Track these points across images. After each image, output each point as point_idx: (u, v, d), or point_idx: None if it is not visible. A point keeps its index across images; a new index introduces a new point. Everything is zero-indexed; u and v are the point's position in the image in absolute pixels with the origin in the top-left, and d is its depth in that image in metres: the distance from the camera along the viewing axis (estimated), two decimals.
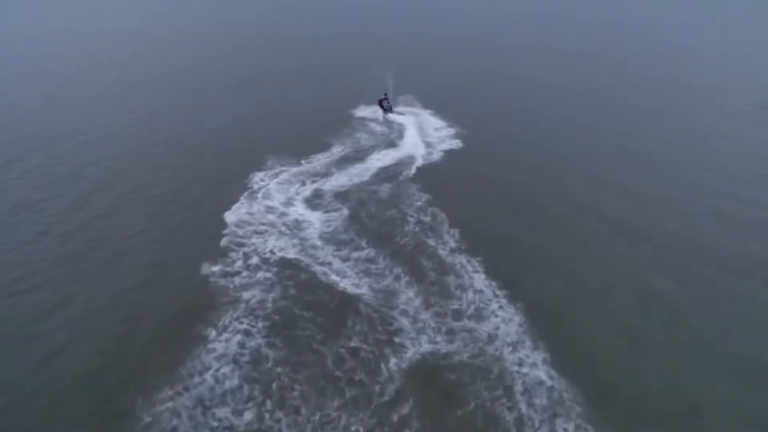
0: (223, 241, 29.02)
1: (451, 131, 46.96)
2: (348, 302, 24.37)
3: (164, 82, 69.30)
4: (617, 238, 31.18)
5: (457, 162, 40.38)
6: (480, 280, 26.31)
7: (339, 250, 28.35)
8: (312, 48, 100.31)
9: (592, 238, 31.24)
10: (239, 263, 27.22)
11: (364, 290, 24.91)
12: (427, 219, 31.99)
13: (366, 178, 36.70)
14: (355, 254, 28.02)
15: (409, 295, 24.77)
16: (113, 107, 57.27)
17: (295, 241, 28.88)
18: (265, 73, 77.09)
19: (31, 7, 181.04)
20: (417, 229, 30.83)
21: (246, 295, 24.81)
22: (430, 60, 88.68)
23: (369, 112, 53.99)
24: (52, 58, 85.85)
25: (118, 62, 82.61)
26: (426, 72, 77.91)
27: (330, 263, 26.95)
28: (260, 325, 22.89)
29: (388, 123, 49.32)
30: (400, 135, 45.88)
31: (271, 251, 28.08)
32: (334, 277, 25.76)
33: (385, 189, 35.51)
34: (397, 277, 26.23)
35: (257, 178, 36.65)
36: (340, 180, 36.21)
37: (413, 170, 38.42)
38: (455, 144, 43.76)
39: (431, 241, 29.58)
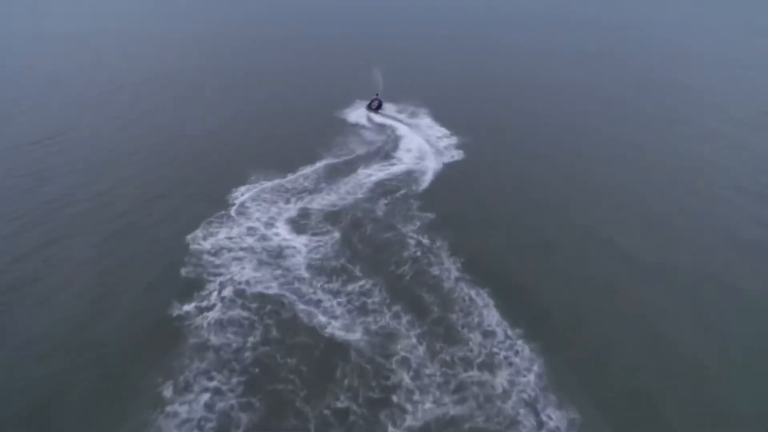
0: (190, 271, 25.29)
1: (452, 140, 43.41)
2: (338, 349, 20.83)
3: (151, 85, 64.84)
4: (625, 266, 27.60)
5: (458, 176, 36.87)
6: (489, 317, 22.91)
7: (329, 281, 24.76)
8: (305, 49, 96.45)
9: (600, 265, 27.63)
10: (212, 297, 23.59)
11: (357, 335, 21.35)
12: (428, 242, 28.50)
13: (359, 195, 33.08)
14: (348, 287, 24.46)
15: (409, 340, 21.26)
16: (96, 112, 52.89)
17: (278, 272, 25.22)
18: (256, 75, 73.16)
19: (18, 7, 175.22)
20: (417, 254, 27.33)
21: (216, 340, 21.19)
22: (429, 61, 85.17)
23: (361, 116, 50.47)
24: (40, 59, 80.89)
25: (107, 64, 77.69)
26: (425, 74, 74.38)
27: (318, 300, 23.34)
28: (234, 380, 19.27)
29: (384, 131, 45.62)
30: (397, 145, 42.28)
31: (248, 282, 24.43)
32: (321, 318, 22.17)
33: (380, 207, 31.96)
34: (396, 316, 22.71)
35: (238, 193, 32.95)
36: (330, 197, 32.55)
37: (411, 185, 34.88)
38: (456, 155, 40.24)
39: (433, 270, 26.11)
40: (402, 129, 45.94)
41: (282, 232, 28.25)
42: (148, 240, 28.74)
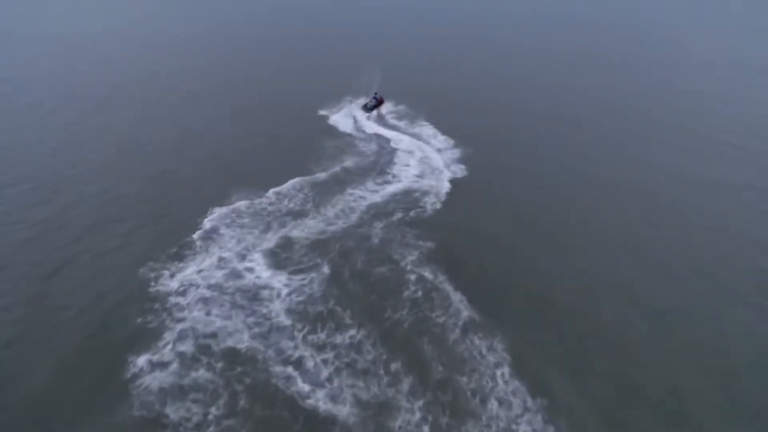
0: (148, 318, 21.17)
1: (455, 152, 39.52)
2: (320, 426, 16.86)
3: (122, 91, 58.74)
4: (639, 312, 23.58)
5: (461, 196, 32.89)
6: (504, 379, 19.10)
7: (312, 331, 20.74)
8: (297, 50, 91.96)
9: (615, 314, 23.37)
10: (168, 352, 19.43)
11: (345, 407, 17.38)
12: (430, 277, 24.63)
13: (351, 219, 29.02)
14: (336, 338, 20.48)
15: (411, 416, 17.31)
16: (56, 121, 46.95)
17: (252, 319, 21.13)
18: (241, 77, 68.28)
19: None
20: (418, 294, 23.43)
21: (173, 412, 17.09)
22: (429, 63, 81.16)
23: (356, 122, 46.55)
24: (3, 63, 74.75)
25: (76, 69, 70.81)
26: (425, 76, 70.33)
27: (299, 358, 19.31)
28: None
29: (380, 141, 41.55)
30: (394, 159, 38.18)
31: (214, 335, 20.32)
32: (302, 385, 18.13)
33: (375, 233, 27.94)
34: (394, 380, 18.77)
35: (211, 217, 28.67)
36: (316, 222, 28.39)
37: (410, 208, 30.81)
38: (459, 171, 36.32)
39: (436, 315, 22.24)
40: (400, 139, 41.98)
41: (258, 269, 24.04)
42: (99, 272, 24.53)
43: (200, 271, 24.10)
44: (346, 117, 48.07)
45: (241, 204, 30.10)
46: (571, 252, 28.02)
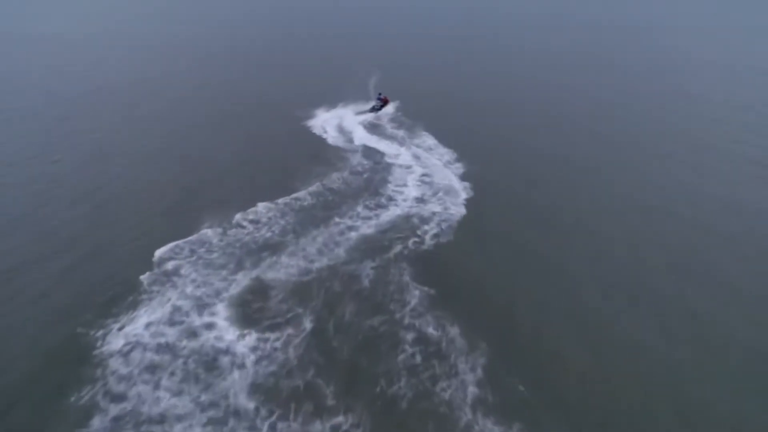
0: (80, 394, 16.66)
1: (458, 168, 35.18)
2: None
3: (84, 100, 52.22)
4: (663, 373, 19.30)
5: (464, 223, 28.38)
6: None
7: (283, 417, 16.28)
8: (286, 52, 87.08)
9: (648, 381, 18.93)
10: None
11: None
12: (430, 333, 20.37)
13: (339, 254, 24.53)
14: (314, 427, 16.05)
15: None
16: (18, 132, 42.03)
17: (206, 397, 16.64)
18: (223, 81, 62.91)
19: None
20: (416, 359, 19.08)
21: None
22: (428, 65, 76.67)
23: (343, 132, 42.24)
24: None
25: (49, 72, 65.53)
26: (423, 79, 65.87)
27: None
28: None
29: (375, 157, 37.04)
30: (389, 178, 33.66)
31: (161, 418, 15.84)
32: None
33: (366, 273, 23.51)
34: None
35: (176, 249, 24.17)
36: (296, 260, 23.80)
37: (408, 239, 26.33)
38: (463, 190, 31.93)
39: (441, 388, 17.91)
40: (396, 153, 37.64)
41: (221, 324, 19.52)
42: (21, 324, 19.91)
43: (149, 324, 19.56)
44: (337, 125, 43.68)
45: (211, 233, 25.55)
46: (587, 296, 23.52)
